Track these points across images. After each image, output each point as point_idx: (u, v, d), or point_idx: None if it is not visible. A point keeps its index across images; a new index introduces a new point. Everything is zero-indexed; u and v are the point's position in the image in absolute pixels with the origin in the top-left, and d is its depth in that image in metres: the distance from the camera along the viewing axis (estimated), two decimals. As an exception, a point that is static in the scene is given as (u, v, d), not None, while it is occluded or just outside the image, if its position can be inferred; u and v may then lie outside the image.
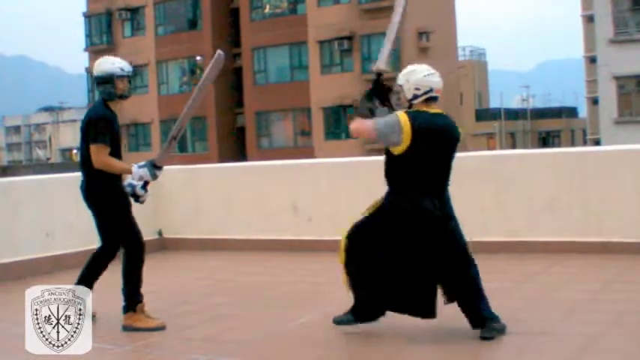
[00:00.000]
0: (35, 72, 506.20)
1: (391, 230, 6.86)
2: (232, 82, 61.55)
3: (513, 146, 79.93)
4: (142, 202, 7.94)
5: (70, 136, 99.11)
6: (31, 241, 11.59)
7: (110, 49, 65.03)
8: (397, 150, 6.76)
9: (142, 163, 7.83)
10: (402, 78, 7.00)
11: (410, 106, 6.93)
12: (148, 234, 13.30)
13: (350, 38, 54.78)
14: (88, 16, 67.70)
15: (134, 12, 64.91)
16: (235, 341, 7.28)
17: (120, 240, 7.97)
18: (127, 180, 7.85)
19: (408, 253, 6.81)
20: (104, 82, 7.94)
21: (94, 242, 12.43)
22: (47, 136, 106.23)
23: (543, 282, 9.42)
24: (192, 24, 62.57)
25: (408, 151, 6.71)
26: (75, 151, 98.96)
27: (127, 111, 64.00)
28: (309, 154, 50.06)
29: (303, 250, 12.18)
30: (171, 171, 14.62)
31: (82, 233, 12.36)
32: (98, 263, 8.18)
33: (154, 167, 7.80)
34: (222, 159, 53.64)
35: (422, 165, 6.78)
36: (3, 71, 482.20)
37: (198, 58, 61.70)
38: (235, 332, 7.64)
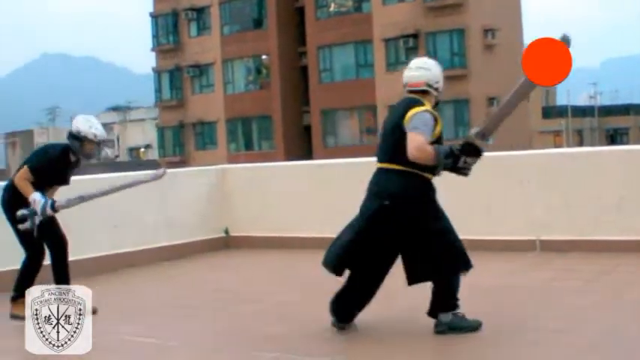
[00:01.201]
0: (103, 72, 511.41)
1: None
2: (298, 80, 61.68)
3: (580, 144, 79.09)
4: (24, 227, 8.49)
5: (138, 136, 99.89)
6: (101, 238, 11.75)
7: (176, 48, 65.60)
8: None
9: (45, 198, 8.42)
10: None
11: None
12: (214, 232, 13.49)
13: (415, 36, 54.60)
14: (154, 17, 68.25)
15: (200, 12, 65.30)
16: (301, 338, 7.31)
17: (24, 245, 8.65)
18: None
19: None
20: (75, 138, 8.57)
21: (162, 239, 12.64)
22: (115, 135, 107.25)
23: (611, 281, 9.33)
24: (258, 23, 62.75)
25: None
26: (142, 149, 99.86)
27: (193, 110, 64.57)
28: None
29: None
30: (237, 169, 14.75)
31: (151, 230, 12.54)
32: (27, 270, 8.68)
33: (52, 206, 8.40)
34: (289, 157, 53.74)
35: None
36: (72, 72, 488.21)
37: (263, 57, 61.94)
38: (301, 329, 7.65)
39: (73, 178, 9.08)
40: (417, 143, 6.79)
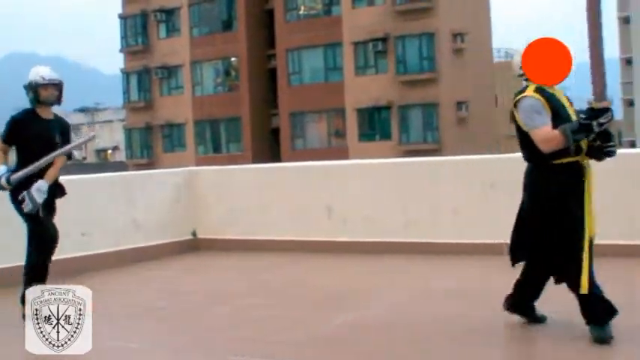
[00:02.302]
0: (70, 72, 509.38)
1: None
2: (267, 83, 61.68)
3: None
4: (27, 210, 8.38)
5: (106, 137, 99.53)
6: (67, 240, 11.65)
7: (145, 50, 65.39)
8: None
9: (4, 171, 8.33)
10: None
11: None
12: (182, 234, 13.44)
13: (384, 40, 54.73)
14: (123, 18, 68.02)
15: (169, 13, 65.15)
16: (271, 342, 7.28)
17: (28, 234, 8.64)
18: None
19: None
20: (30, 89, 8.57)
21: (129, 242, 12.58)
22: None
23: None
24: (227, 25, 62.70)
25: None
26: (110, 151, 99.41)
27: (161, 112, 64.37)
28: (344, 155, 49.97)
29: (338, 252, 12.16)
30: (205, 172, 14.71)
31: (118, 233, 12.47)
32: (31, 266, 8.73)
33: (7, 179, 8.28)
34: (257, 160, 53.72)
35: None
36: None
37: (232, 59, 61.88)
38: (271, 333, 7.64)
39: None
40: (540, 137, 6.66)
